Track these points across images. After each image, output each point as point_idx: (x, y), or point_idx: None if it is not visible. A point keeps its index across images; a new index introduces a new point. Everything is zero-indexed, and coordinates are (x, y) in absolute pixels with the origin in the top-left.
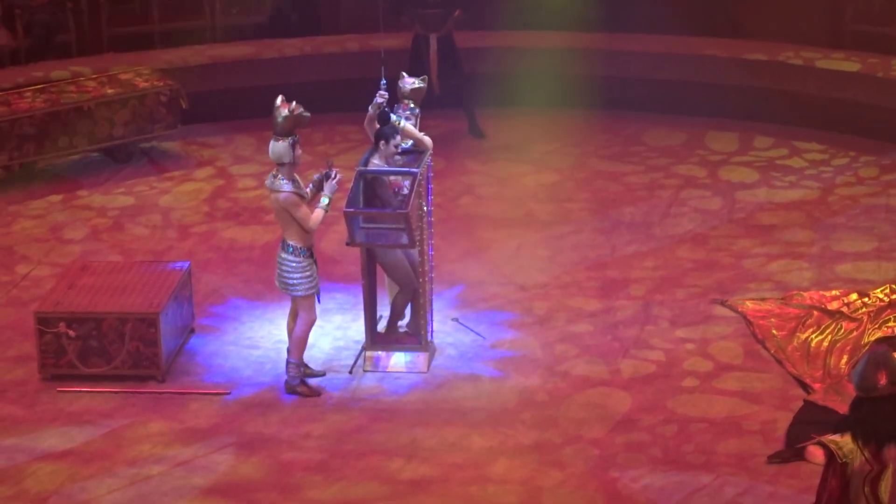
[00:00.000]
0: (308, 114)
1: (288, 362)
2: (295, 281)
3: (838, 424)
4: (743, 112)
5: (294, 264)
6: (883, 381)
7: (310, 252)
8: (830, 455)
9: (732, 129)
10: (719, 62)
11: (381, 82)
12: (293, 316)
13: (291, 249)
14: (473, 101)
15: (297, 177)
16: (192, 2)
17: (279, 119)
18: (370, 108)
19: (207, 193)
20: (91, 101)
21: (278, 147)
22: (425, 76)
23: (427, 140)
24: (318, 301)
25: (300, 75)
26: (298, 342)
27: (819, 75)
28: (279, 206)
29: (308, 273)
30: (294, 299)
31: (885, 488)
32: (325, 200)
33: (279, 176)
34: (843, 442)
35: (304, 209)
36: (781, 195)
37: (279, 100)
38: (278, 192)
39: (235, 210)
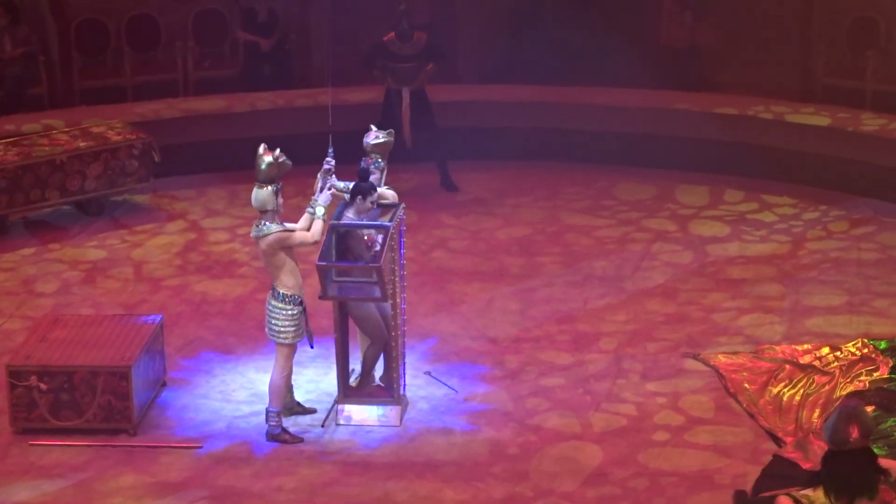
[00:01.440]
0: (290, 162)
1: (268, 411)
2: (282, 329)
3: (810, 478)
4: (713, 166)
5: (284, 312)
6: (855, 434)
7: (300, 300)
8: None
9: (703, 183)
10: (690, 116)
11: (329, 150)
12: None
13: (282, 297)
14: (445, 154)
15: (281, 222)
16: (165, 55)
17: (262, 166)
18: (318, 175)
19: (179, 247)
20: (63, 154)
21: (261, 194)
22: (391, 130)
23: (390, 193)
24: (311, 346)
25: (272, 128)
26: (277, 390)
27: (789, 129)
28: (271, 250)
29: (297, 322)
30: (276, 346)
31: None
32: (320, 211)
33: (263, 222)
34: (815, 496)
35: (298, 233)
36: (752, 249)
37: (262, 148)
38: (266, 235)
39: (207, 263)
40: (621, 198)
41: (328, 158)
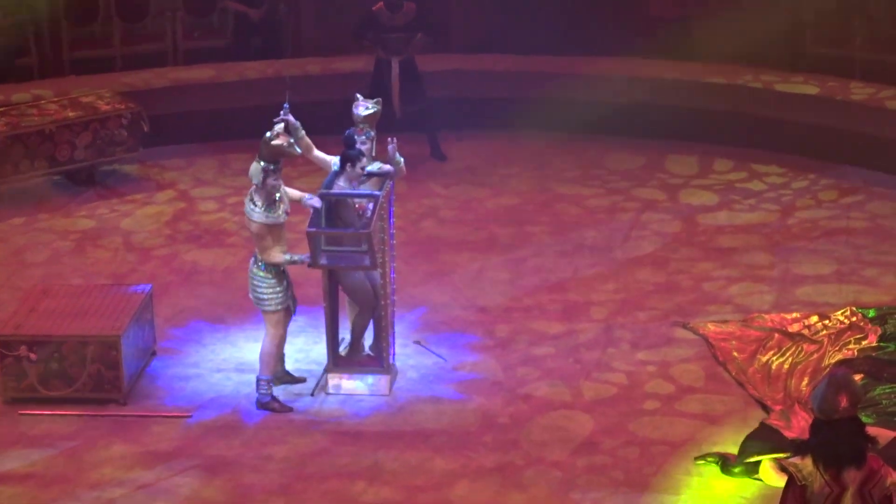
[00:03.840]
0: (298, 150)
1: (258, 379)
2: (266, 296)
3: (798, 447)
4: (702, 135)
5: (263, 280)
6: (844, 403)
7: (282, 269)
8: (790, 477)
9: (692, 153)
10: (679, 85)
11: (284, 105)
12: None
13: (264, 266)
14: (435, 124)
15: (273, 201)
16: (154, 25)
17: (265, 147)
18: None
19: (169, 216)
20: (52, 124)
21: (254, 168)
22: (379, 99)
23: (387, 168)
24: (293, 315)
25: (261, 98)
26: (267, 358)
27: (778, 98)
28: (252, 227)
29: (278, 289)
30: (263, 314)
31: None
32: (316, 202)
33: (254, 199)
34: (803, 464)
35: (266, 244)
36: (741, 218)
37: (279, 128)
38: (249, 218)
39: (197, 233)
40: (611, 167)
41: (282, 114)
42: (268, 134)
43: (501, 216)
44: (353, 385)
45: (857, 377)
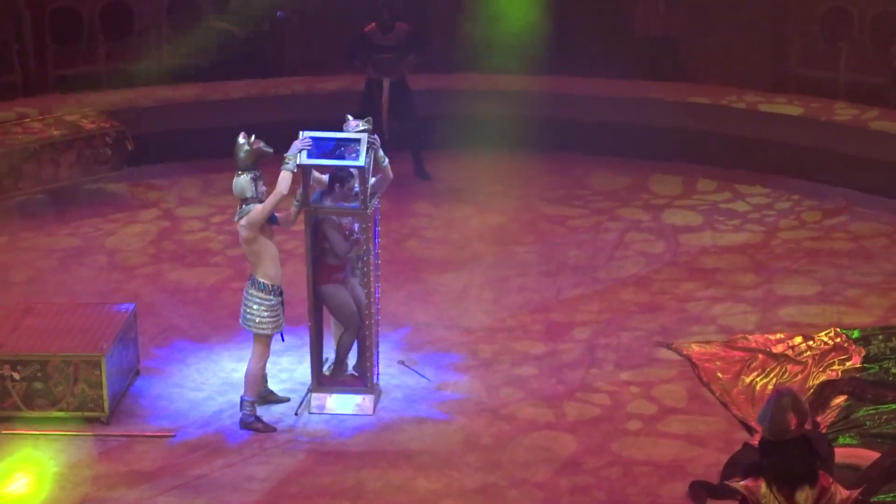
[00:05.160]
0: (270, 149)
1: (242, 400)
2: (262, 319)
3: (749, 469)
4: (687, 155)
5: (262, 301)
6: (794, 423)
7: (280, 290)
8: (744, 500)
9: (676, 173)
10: (663, 105)
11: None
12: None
13: (263, 287)
14: (420, 143)
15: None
16: (139, 43)
17: (241, 154)
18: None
19: (153, 235)
20: (36, 142)
21: (240, 181)
22: (370, 118)
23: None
24: (282, 339)
25: (246, 117)
26: (253, 379)
27: (762, 119)
28: (252, 228)
29: (276, 312)
30: (254, 336)
31: None
32: (291, 163)
33: (245, 206)
34: (756, 487)
35: (269, 198)
36: (725, 239)
37: (241, 136)
38: (244, 214)
39: (181, 252)
40: (595, 187)
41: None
42: (240, 140)
43: (485, 236)
44: (336, 405)
45: (841, 398)
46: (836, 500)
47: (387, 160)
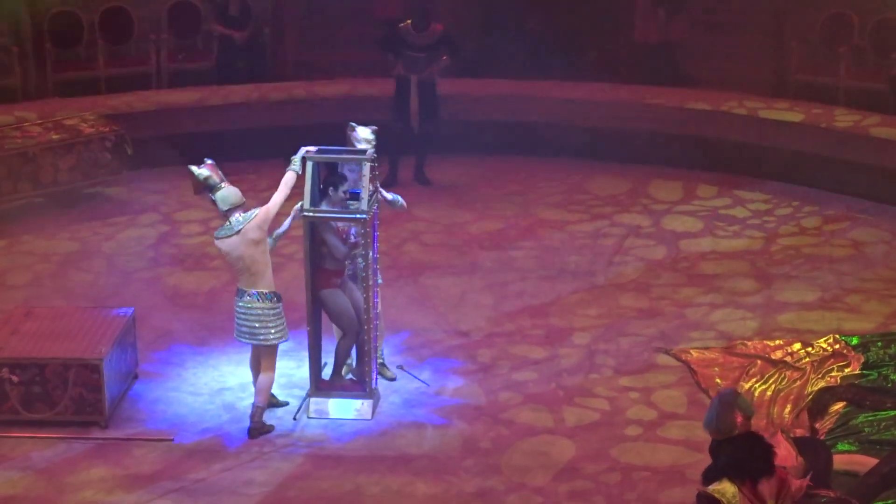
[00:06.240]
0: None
1: (255, 406)
2: (270, 328)
3: (710, 473)
4: (687, 161)
5: (270, 311)
6: (740, 419)
7: (279, 295)
8: (715, 502)
9: (676, 178)
10: (663, 111)
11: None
12: (256, 358)
13: (268, 296)
14: (426, 148)
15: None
16: (139, 48)
17: (203, 180)
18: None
19: (152, 239)
20: (36, 146)
21: (225, 192)
22: (376, 128)
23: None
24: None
25: (246, 121)
26: (267, 388)
27: (763, 125)
28: (259, 235)
29: (282, 318)
30: (266, 348)
31: None
32: (296, 164)
33: (234, 217)
34: (724, 488)
35: (278, 192)
36: (725, 244)
37: (192, 168)
38: (249, 221)
39: (180, 256)
40: (594, 192)
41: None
42: (195, 171)
43: (484, 240)
44: (335, 409)
45: (840, 405)
46: (792, 491)
47: (400, 199)
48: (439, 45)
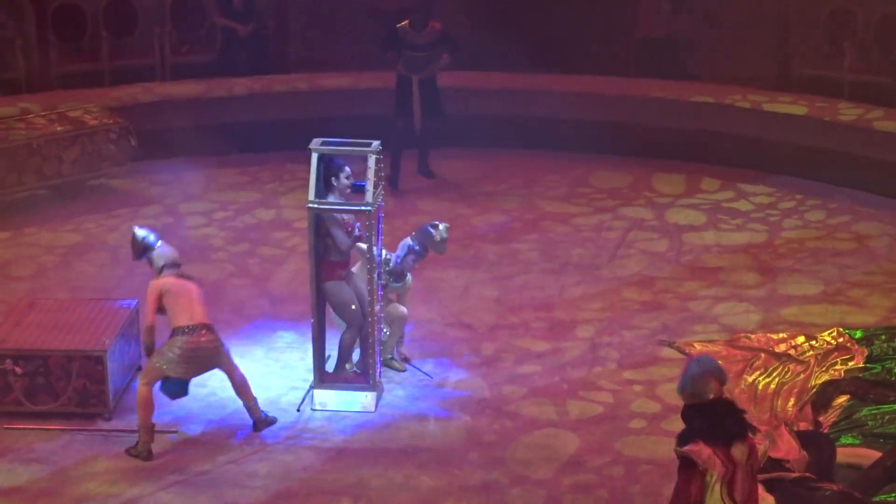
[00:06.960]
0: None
1: (246, 405)
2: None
3: (685, 436)
4: (690, 154)
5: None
6: (714, 385)
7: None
8: (687, 466)
9: (679, 172)
10: (667, 104)
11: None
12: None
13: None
14: (429, 142)
15: None
16: (142, 40)
17: (140, 242)
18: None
19: (156, 231)
20: (40, 138)
21: (165, 248)
22: (449, 226)
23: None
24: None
25: (249, 114)
26: (245, 385)
27: (766, 118)
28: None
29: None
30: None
31: (738, 489)
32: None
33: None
34: (700, 449)
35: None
36: (728, 238)
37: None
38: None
39: (183, 248)
40: (598, 185)
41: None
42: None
43: (488, 233)
44: (338, 401)
45: (843, 398)
46: (759, 455)
47: (409, 276)
48: (439, 43)
